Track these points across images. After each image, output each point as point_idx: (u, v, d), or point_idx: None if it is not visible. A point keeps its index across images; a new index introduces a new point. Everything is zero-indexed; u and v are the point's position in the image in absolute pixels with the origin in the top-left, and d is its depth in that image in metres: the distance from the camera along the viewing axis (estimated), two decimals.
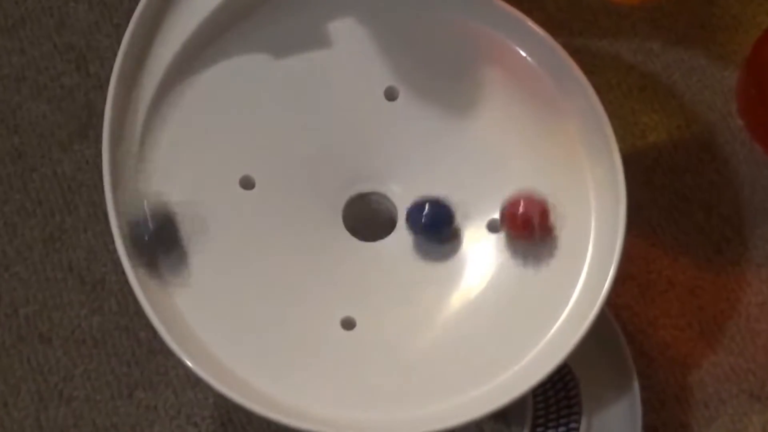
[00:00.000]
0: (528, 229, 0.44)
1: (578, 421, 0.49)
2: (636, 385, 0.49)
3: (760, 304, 0.54)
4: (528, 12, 0.46)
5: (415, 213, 0.45)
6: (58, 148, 0.56)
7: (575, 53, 0.46)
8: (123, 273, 0.42)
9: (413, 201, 0.46)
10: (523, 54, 0.47)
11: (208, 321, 0.43)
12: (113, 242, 0.43)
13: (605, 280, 0.43)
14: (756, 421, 0.52)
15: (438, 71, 0.47)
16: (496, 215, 0.46)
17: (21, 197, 0.55)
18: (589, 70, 0.45)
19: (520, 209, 0.44)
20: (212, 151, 0.46)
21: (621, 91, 0.57)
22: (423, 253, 0.46)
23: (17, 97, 0.57)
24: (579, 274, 0.44)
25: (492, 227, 0.46)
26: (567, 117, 0.46)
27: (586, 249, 0.45)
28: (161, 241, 0.44)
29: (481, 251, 0.46)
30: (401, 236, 0.46)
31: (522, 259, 0.45)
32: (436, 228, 0.45)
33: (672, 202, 0.56)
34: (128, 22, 0.45)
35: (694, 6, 0.58)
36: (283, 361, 0.44)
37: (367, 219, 0.47)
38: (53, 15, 0.59)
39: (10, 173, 0.56)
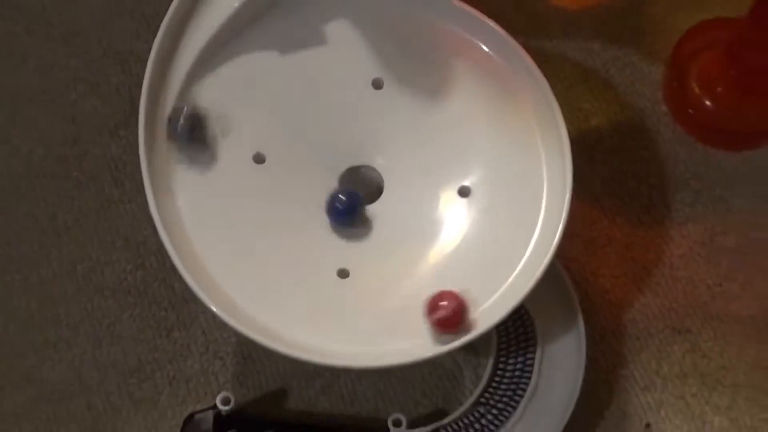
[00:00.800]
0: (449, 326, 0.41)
1: (534, 351, 0.48)
2: (581, 322, 0.48)
3: (681, 255, 0.53)
4: (491, 16, 0.45)
5: (330, 202, 0.44)
6: (107, 134, 0.56)
7: (529, 51, 0.45)
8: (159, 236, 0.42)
9: (330, 194, 0.44)
10: (487, 50, 0.46)
11: (229, 273, 0.42)
12: None
13: (555, 237, 0.42)
14: (677, 350, 0.51)
15: (417, 64, 0.46)
16: (466, 182, 0.45)
17: (77, 174, 0.55)
18: (541, 66, 0.44)
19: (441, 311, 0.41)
20: (229, 134, 0.45)
21: (568, 83, 0.56)
22: (405, 215, 0.45)
23: (74, 94, 0.57)
24: (533, 232, 0.43)
25: (462, 193, 0.45)
26: (523, 103, 0.45)
27: (539, 211, 0.44)
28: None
29: (453, 213, 0.45)
30: (387, 201, 0.45)
31: (487, 219, 0.44)
32: (351, 213, 0.44)
33: (610, 173, 0.55)
34: None
35: (626, 13, 0.58)
36: (291, 305, 0.43)
37: (359, 187, 0.46)
38: (102, 27, 0.58)
39: (69, 155, 0.55)
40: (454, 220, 0.45)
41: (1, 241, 0.53)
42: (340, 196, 0.44)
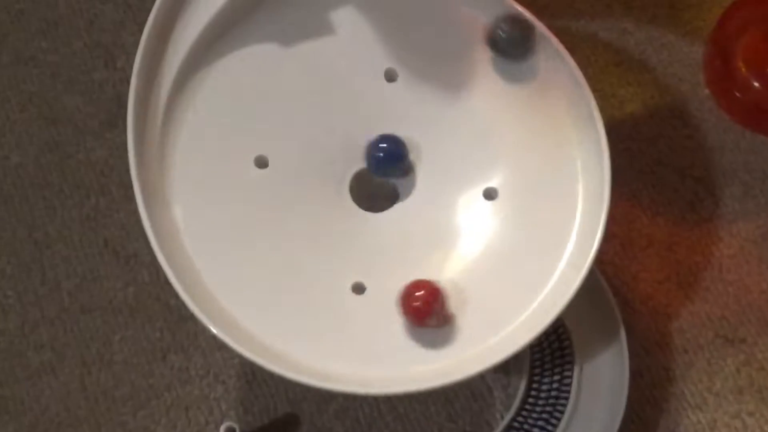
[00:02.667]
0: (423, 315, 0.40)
1: (571, 369, 0.47)
2: (622, 334, 0.47)
3: (731, 256, 0.52)
4: None
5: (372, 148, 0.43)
6: (91, 136, 0.54)
7: (556, 33, 0.43)
8: None
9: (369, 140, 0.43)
10: None
11: (231, 290, 0.41)
12: None
13: (593, 243, 0.40)
14: (731, 363, 0.50)
15: (433, 53, 0.44)
16: (492, 184, 0.43)
17: (59, 182, 0.54)
18: (568, 48, 0.43)
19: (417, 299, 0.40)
20: (228, 135, 0.43)
21: (599, 67, 0.55)
22: (425, 222, 0.43)
23: (53, 91, 0.55)
24: (569, 236, 0.42)
25: (487, 195, 0.43)
26: (552, 91, 0.43)
27: (575, 214, 0.42)
28: None
29: (478, 217, 0.43)
30: (404, 207, 0.44)
31: (516, 224, 0.43)
32: (391, 162, 0.43)
33: (649, 166, 0.53)
34: None
35: None
36: (300, 324, 0.41)
37: (371, 192, 0.44)
38: (83, 16, 0.57)
39: (49, 161, 0.54)
40: (479, 226, 0.43)
41: None
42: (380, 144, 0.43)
